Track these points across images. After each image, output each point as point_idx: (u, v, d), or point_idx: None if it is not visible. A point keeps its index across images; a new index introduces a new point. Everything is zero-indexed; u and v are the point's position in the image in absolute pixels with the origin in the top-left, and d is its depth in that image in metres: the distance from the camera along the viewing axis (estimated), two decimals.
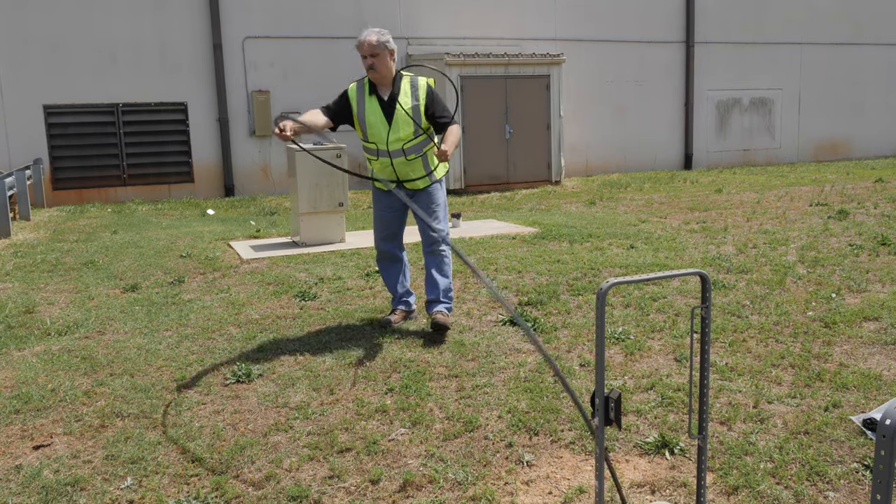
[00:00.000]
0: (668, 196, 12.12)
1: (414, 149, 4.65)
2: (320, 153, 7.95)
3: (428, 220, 3.71)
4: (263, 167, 14.17)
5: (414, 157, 4.68)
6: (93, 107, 12.96)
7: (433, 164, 4.78)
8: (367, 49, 4.48)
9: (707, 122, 17.80)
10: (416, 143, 4.65)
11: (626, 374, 4.03)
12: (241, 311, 5.44)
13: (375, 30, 4.56)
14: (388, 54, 4.53)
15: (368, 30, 4.57)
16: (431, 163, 4.76)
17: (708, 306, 2.31)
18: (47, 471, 3.12)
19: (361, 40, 4.50)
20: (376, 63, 4.50)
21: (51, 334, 4.99)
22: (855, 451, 3.10)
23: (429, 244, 4.82)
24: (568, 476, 3.00)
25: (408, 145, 4.62)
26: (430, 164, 4.75)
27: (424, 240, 4.83)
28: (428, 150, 4.72)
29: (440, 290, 4.80)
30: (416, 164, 4.71)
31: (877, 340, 4.42)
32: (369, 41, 4.48)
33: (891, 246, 7.01)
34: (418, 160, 4.70)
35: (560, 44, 15.68)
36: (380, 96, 4.61)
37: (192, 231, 9.27)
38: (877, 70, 19.35)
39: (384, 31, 4.56)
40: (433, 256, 4.83)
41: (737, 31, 17.66)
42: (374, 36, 4.50)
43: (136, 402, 3.79)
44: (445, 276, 4.83)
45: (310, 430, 3.43)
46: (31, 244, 8.61)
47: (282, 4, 13.80)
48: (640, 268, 6.45)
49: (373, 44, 4.47)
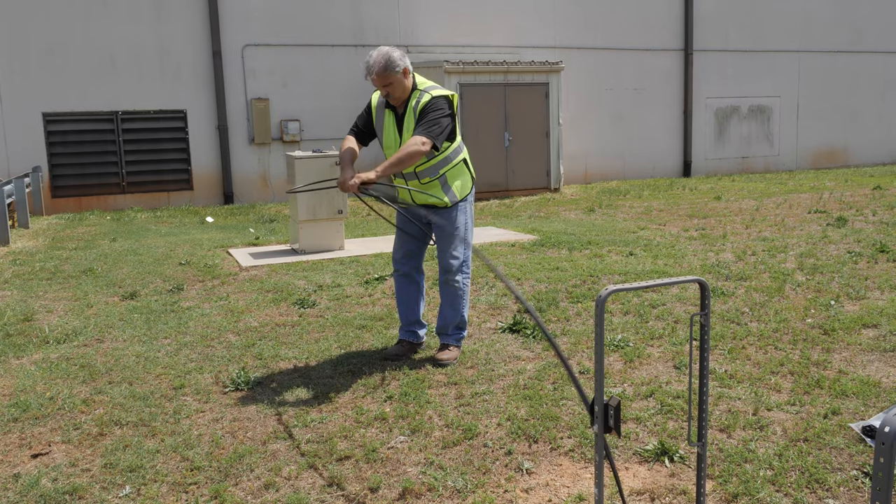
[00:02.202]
0: (667, 203, 12.13)
1: (428, 171, 4.24)
2: (321, 162, 7.97)
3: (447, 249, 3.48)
4: (263, 175, 14.19)
5: (429, 180, 4.26)
6: (92, 114, 12.98)
7: (454, 186, 4.31)
8: (378, 81, 4.08)
9: (706, 129, 17.84)
10: (430, 166, 4.22)
11: (626, 381, 4.03)
12: (239, 318, 5.43)
13: (382, 55, 4.06)
14: (401, 76, 4.09)
15: (373, 56, 4.08)
16: (453, 185, 4.30)
17: (707, 313, 2.32)
18: (45, 479, 3.11)
19: (370, 72, 4.07)
20: (392, 91, 4.12)
21: (49, 342, 4.98)
22: (854, 458, 3.10)
23: (443, 272, 4.40)
24: (567, 484, 2.99)
25: (420, 168, 4.22)
26: (450, 186, 4.29)
27: (440, 266, 4.43)
28: (447, 172, 4.26)
29: (448, 323, 4.42)
30: (434, 188, 4.27)
31: (875, 347, 4.42)
32: (377, 73, 4.04)
33: (889, 253, 7.01)
34: (436, 183, 4.27)
35: (559, 51, 15.72)
36: (395, 110, 4.28)
37: (191, 239, 9.27)
38: (874, 78, 19.41)
39: (390, 54, 4.06)
40: (446, 287, 4.40)
41: (735, 38, 17.72)
42: (379, 66, 4.03)
43: (134, 410, 3.79)
44: (456, 310, 4.40)
45: (309, 438, 3.42)
46: (30, 252, 8.61)
47: (281, 12, 13.84)
48: (639, 275, 6.45)
49: (382, 74, 4.04)
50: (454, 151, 4.30)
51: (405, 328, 4.57)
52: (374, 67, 4.04)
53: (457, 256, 4.35)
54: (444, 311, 4.43)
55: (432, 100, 4.15)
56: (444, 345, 4.44)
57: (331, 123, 14.34)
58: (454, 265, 4.36)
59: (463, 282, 4.41)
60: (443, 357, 4.34)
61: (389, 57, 4.04)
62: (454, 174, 4.31)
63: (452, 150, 4.29)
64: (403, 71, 4.09)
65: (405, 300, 4.54)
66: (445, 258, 4.36)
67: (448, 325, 4.43)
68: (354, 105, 14.44)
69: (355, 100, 14.44)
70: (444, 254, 4.37)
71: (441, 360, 4.32)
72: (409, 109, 4.18)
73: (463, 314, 4.44)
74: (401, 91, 4.14)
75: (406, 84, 4.15)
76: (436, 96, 4.16)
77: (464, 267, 4.40)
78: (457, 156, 4.32)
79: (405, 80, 4.13)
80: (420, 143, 4.00)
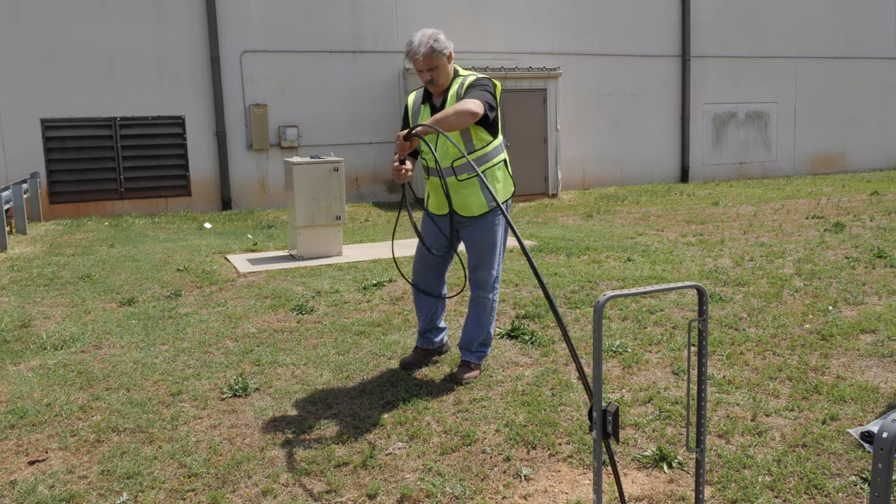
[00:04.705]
0: (665, 209, 12.15)
1: (465, 167, 3.92)
2: (323, 161, 7.97)
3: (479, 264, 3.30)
4: (261, 181, 14.19)
5: (466, 176, 3.94)
6: (90, 120, 12.98)
7: (496, 188, 3.97)
8: (423, 64, 3.80)
9: (703, 135, 17.88)
10: (467, 163, 3.89)
11: (624, 387, 4.03)
12: (237, 324, 5.43)
13: (427, 36, 3.81)
14: (445, 61, 3.84)
15: (417, 38, 3.83)
16: (494, 186, 3.96)
17: (705, 319, 2.32)
18: (42, 486, 3.10)
19: (414, 54, 3.80)
20: (435, 76, 3.85)
21: (47, 348, 4.97)
22: (853, 464, 3.10)
23: (476, 288, 4.14)
24: (566, 490, 2.99)
25: (458, 163, 3.91)
26: (491, 187, 3.91)
27: (471, 282, 4.16)
28: (488, 170, 3.94)
29: (473, 340, 4.20)
30: (472, 187, 3.94)
31: (874, 353, 4.43)
32: (424, 54, 3.77)
33: (887, 258, 7.02)
34: (474, 182, 3.94)
35: (557, 58, 15.76)
36: (433, 105, 3.98)
37: (189, 245, 9.26)
38: (871, 84, 19.47)
39: (437, 35, 3.81)
40: (476, 304, 4.15)
41: (732, 45, 17.77)
42: (426, 47, 3.78)
43: (132, 417, 3.78)
44: (483, 326, 4.17)
45: (307, 445, 3.41)
46: (28, 258, 8.60)
47: (279, 19, 13.86)
48: (637, 281, 6.45)
49: (428, 56, 3.78)
50: (494, 149, 3.98)
51: (421, 335, 4.41)
52: (420, 49, 3.77)
53: (492, 272, 4.08)
54: (470, 328, 4.20)
55: (478, 79, 3.88)
56: (465, 362, 4.22)
57: (329, 129, 14.35)
58: (489, 282, 4.10)
59: (493, 298, 4.16)
60: (463, 376, 4.13)
61: (436, 38, 3.80)
62: (494, 175, 3.97)
63: (493, 148, 3.96)
64: (448, 55, 3.87)
65: (424, 309, 4.33)
66: (480, 274, 4.08)
67: (472, 342, 4.20)
68: (352, 111, 14.47)
69: (353, 106, 14.47)
70: (478, 269, 4.08)
71: (461, 378, 4.12)
72: (451, 96, 3.88)
73: (489, 331, 4.21)
74: (444, 77, 3.88)
75: (449, 70, 3.91)
76: (481, 76, 3.90)
77: (496, 283, 4.15)
78: (497, 154, 3.99)
79: (449, 65, 3.89)
80: (473, 104, 3.65)
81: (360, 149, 14.52)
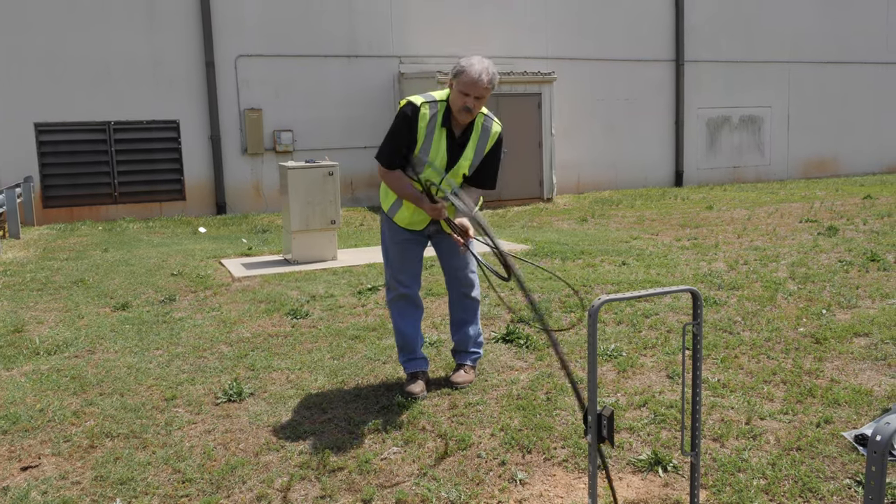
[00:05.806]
0: (660, 213, 12.17)
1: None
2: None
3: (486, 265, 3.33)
4: (255, 185, 14.18)
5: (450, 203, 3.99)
6: (84, 125, 12.96)
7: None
8: (479, 90, 3.61)
9: (697, 139, 17.94)
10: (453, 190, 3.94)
11: (619, 391, 4.03)
12: (232, 329, 5.41)
13: (489, 64, 3.65)
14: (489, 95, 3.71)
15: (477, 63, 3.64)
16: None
17: (699, 323, 2.32)
18: (35, 492, 3.08)
19: (473, 78, 3.59)
20: (477, 108, 3.69)
21: (40, 353, 4.95)
22: (847, 467, 3.10)
23: (466, 288, 4.15)
24: (561, 494, 2.99)
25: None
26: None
27: (461, 282, 4.14)
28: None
29: (471, 339, 4.21)
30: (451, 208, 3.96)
31: (867, 356, 4.44)
32: (488, 82, 3.61)
33: (880, 262, 7.05)
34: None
35: (551, 62, 15.80)
36: (451, 131, 3.81)
37: (183, 249, 9.24)
38: (864, 88, 19.58)
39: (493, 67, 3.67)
40: (468, 303, 4.18)
41: (726, 49, 17.85)
42: (487, 76, 3.61)
43: (125, 422, 3.76)
44: (476, 324, 4.24)
45: (301, 450, 3.41)
46: (21, 262, 8.56)
47: (274, 23, 13.87)
48: (631, 284, 6.46)
49: (486, 86, 3.61)
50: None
51: (417, 358, 4.16)
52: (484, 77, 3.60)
53: (474, 270, 4.15)
54: (464, 329, 4.20)
55: (501, 137, 3.91)
56: (460, 365, 4.22)
57: (324, 134, 14.36)
58: (474, 280, 4.17)
59: (479, 294, 4.25)
60: (459, 380, 4.12)
61: (493, 70, 3.67)
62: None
63: None
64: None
65: (414, 326, 4.15)
66: (466, 274, 4.12)
67: (469, 341, 4.20)
68: (347, 116, 14.48)
69: (348, 110, 14.48)
70: (463, 270, 4.12)
71: (458, 383, 4.10)
72: (476, 133, 3.83)
73: (479, 326, 4.30)
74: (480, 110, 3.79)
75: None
76: (501, 133, 3.91)
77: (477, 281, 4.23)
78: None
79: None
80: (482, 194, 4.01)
81: (355, 153, 14.52)
